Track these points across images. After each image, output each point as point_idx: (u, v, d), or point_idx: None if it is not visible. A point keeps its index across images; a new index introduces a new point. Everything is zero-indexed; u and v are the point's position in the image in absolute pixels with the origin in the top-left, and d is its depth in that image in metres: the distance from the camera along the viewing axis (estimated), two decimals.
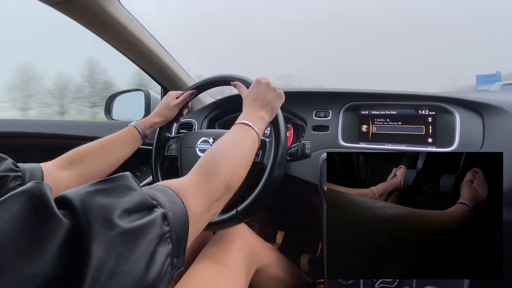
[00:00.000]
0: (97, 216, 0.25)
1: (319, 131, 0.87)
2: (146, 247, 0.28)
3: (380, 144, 0.82)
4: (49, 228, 0.23)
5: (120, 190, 0.30)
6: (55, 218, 0.24)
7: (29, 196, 0.24)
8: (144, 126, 0.75)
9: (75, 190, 0.28)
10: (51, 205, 0.24)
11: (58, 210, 0.25)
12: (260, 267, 0.80)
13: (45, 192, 0.25)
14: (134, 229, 0.27)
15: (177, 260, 0.33)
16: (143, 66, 1.09)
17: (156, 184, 0.39)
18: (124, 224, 0.27)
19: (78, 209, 0.25)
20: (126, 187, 0.30)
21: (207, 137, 0.78)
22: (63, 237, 0.24)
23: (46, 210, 0.24)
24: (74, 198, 0.26)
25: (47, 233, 0.23)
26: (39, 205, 0.24)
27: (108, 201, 0.27)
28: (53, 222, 0.24)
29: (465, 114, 0.73)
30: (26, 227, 0.23)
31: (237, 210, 0.66)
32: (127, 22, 0.89)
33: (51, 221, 0.24)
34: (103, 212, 0.26)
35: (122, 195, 0.29)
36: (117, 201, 0.28)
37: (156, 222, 0.30)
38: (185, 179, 0.43)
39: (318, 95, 0.92)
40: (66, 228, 0.24)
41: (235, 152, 0.51)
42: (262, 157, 0.69)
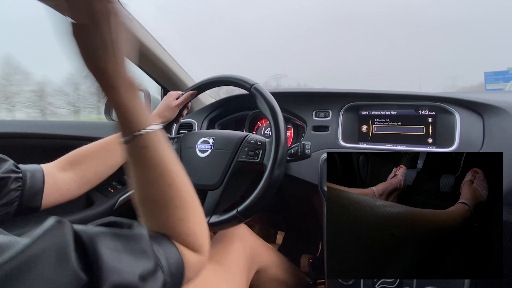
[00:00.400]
0: (109, 279, 0.25)
1: (319, 131, 0.87)
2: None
3: (380, 144, 0.82)
4: (66, 281, 0.23)
5: (136, 254, 0.29)
6: (74, 271, 0.24)
7: (54, 242, 0.24)
8: None
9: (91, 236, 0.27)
10: (71, 256, 0.24)
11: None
12: (261, 267, 0.80)
13: (67, 239, 0.25)
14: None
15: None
16: (143, 66, 1.09)
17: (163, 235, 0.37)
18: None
19: (93, 264, 0.25)
20: (142, 252, 0.30)
21: (207, 137, 0.78)
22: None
23: (66, 261, 0.24)
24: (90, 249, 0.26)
25: (64, 284, 0.23)
26: (61, 254, 0.24)
27: (123, 267, 0.27)
28: (71, 275, 0.24)
29: (465, 114, 0.73)
30: (48, 274, 0.23)
31: (237, 210, 0.66)
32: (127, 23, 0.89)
33: (69, 273, 0.24)
34: (116, 276, 0.26)
35: (136, 260, 0.29)
36: (130, 267, 0.28)
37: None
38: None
39: (318, 95, 0.92)
40: (81, 283, 0.24)
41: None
42: (262, 158, 0.69)
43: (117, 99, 0.35)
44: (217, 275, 0.66)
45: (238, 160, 0.71)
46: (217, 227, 0.69)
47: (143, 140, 0.36)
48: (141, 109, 0.36)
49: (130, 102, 0.35)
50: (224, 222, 0.67)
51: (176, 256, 0.35)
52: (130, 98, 0.35)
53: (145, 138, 0.36)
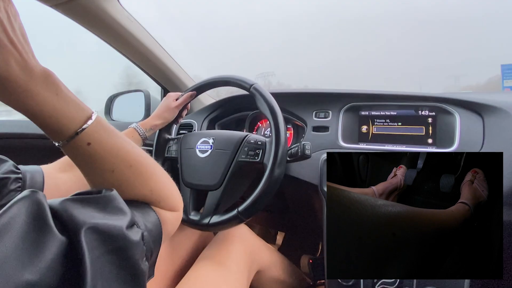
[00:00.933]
0: (87, 237, 0.26)
1: (319, 131, 0.87)
2: (133, 266, 0.29)
3: (380, 145, 0.82)
4: (46, 240, 0.24)
5: (110, 212, 0.30)
6: (52, 232, 0.25)
7: (29, 205, 0.25)
8: (144, 128, 0.76)
9: (62, 204, 0.28)
10: (48, 218, 0.25)
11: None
12: (261, 268, 0.80)
13: (43, 203, 0.26)
14: (123, 249, 0.29)
15: (149, 271, 0.34)
16: (143, 66, 1.09)
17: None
18: (114, 244, 0.28)
19: (69, 226, 0.26)
20: (115, 209, 0.31)
21: (207, 137, 0.79)
22: (58, 250, 0.25)
23: (44, 222, 0.25)
24: (63, 214, 0.27)
25: (44, 245, 0.24)
26: (38, 216, 0.25)
27: (99, 221, 0.28)
28: (50, 236, 0.25)
29: (465, 114, 0.73)
30: (27, 237, 0.23)
31: (238, 210, 0.66)
32: (127, 23, 0.90)
33: (48, 234, 0.25)
34: (93, 233, 0.27)
35: (112, 217, 0.30)
36: (107, 222, 0.29)
37: (140, 244, 0.31)
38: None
39: (318, 96, 0.92)
40: (61, 242, 0.25)
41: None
42: (262, 157, 0.69)
43: (33, 104, 0.28)
44: (217, 275, 0.66)
45: (238, 160, 0.71)
46: (218, 227, 0.69)
47: (84, 137, 0.32)
48: (69, 103, 0.31)
49: (53, 100, 0.29)
50: (225, 222, 0.67)
51: (151, 214, 0.37)
52: (51, 94, 0.29)
53: (85, 134, 0.32)
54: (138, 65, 1.07)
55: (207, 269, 0.67)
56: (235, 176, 0.72)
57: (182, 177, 0.79)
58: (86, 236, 0.26)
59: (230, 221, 0.67)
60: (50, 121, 0.30)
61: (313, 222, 1.02)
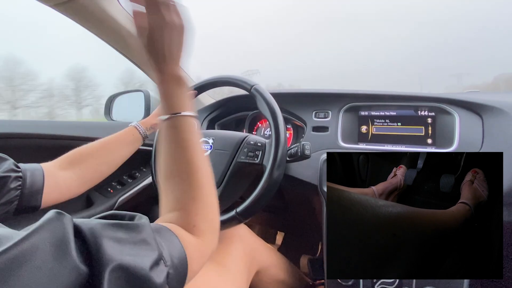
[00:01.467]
0: (112, 271, 0.25)
1: (319, 132, 0.87)
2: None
3: (379, 145, 0.82)
4: (64, 272, 0.23)
5: (138, 245, 0.29)
6: (72, 263, 0.24)
7: (53, 231, 0.24)
8: (145, 127, 0.75)
9: (91, 228, 0.26)
10: (70, 245, 0.24)
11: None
12: (261, 268, 0.80)
13: (67, 229, 0.25)
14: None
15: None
16: (143, 67, 1.09)
17: (165, 225, 0.36)
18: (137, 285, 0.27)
19: (93, 256, 0.25)
20: (144, 242, 0.29)
21: (207, 137, 0.78)
22: (76, 282, 0.23)
23: (65, 251, 0.24)
24: (90, 240, 0.25)
25: (61, 276, 0.23)
26: (60, 243, 0.24)
27: (125, 258, 0.26)
28: (70, 266, 0.23)
29: (464, 115, 0.73)
30: (44, 267, 0.22)
31: (236, 211, 0.66)
32: (127, 23, 0.89)
33: (67, 264, 0.23)
34: (118, 268, 0.25)
35: (138, 252, 0.28)
36: (133, 259, 0.27)
37: (163, 286, 0.29)
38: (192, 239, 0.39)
39: (317, 96, 0.92)
40: (81, 274, 0.24)
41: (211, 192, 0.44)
42: (261, 159, 0.69)
43: (165, 89, 0.44)
44: (217, 275, 0.66)
45: (238, 161, 0.71)
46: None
47: (175, 121, 0.43)
48: (183, 100, 0.44)
49: (175, 92, 0.44)
50: (223, 222, 0.67)
51: (178, 248, 0.35)
52: (176, 90, 0.44)
53: (177, 119, 0.43)
54: (138, 65, 1.07)
55: (206, 269, 0.66)
56: (234, 177, 0.72)
57: None
58: (111, 273, 0.25)
59: (229, 221, 0.67)
60: (169, 101, 0.44)
61: (312, 222, 1.02)
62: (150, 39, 0.43)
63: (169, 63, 0.44)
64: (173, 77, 0.44)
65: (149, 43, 0.43)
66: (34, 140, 0.85)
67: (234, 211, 0.66)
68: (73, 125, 0.97)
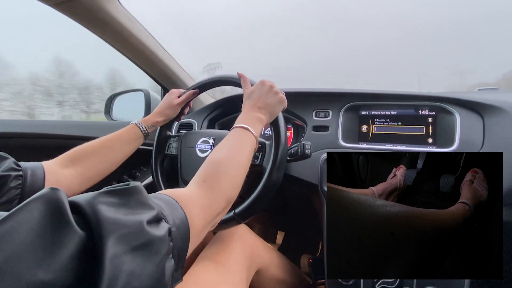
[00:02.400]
0: (110, 231, 0.25)
1: (319, 131, 0.87)
2: (158, 264, 0.28)
3: (380, 144, 0.82)
4: (64, 237, 0.23)
5: (133, 206, 0.29)
6: (71, 228, 0.24)
7: (47, 202, 0.24)
8: (146, 125, 0.75)
9: (87, 198, 0.27)
10: (67, 213, 0.25)
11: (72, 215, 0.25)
12: (261, 267, 0.80)
13: (62, 200, 0.25)
14: (145, 246, 0.28)
15: (176, 274, 0.34)
16: (142, 66, 1.09)
17: (161, 193, 0.39)
18: (136, 241, 0.27)
19: (91, 220, 0.25)
20: (139, 203, 0.30)
21: (208, 137, 0.78)
22: (77, 247, 0.24)
23: (62, 218, 0.24)
24: (87, 208, 0.26)
25: (62, 242, 0.23)
26: (56, 213, 0.24)
27: (121, 217, 0.27)
28: (69, 232, 0.24)
29: (465, 114, 0.73)
30: (43, 234, 0.23)
31: (234, 212, 0.65)
32: (127, 22, 0.89)
33: (67, 230, 0.24)
34: (116, 228, 0.26)
35: (134, 211, 0.29)
36: (129, 218, 0.28)
37: (165, 240, 0.30)
38: (190, 191, 0.43)
39: (318, 96, 0.92)
40: (80, 238, 0.24)
41: (236, 162, 0.52)
42: (261, 160, 0.69)
43: (251, 117, 0.62)
44: (217, 274, 0.66)
45: None
46: (215, 228, 0.69)
47: (241, 132, 0.58)
48: (253, 125, 0.59)
49: (252, 121, 0.61)
50: (221, 223, 0.67)
51: (178, 210, 0.37)
52: (255, 120, 0.61)
53: (239, 130, 0.58)
54: (138, 64, 1.07)
55: (206, 268, 0.66)
56: None
57: (181, 175, 0.79)
58: (109, 231, 0.25)
59: (227, 222, 0.66)
60: (243, 121, 0.60)
61: (313, 222, 1.02)
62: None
63: (261, 111, 0.63)
64: (258, 116, 0.62)
65: (257, 97, 0.65)
66: (34, 139, 0.86)
67: (232, 212, 0.66)
68: (74, 124, 0.97)
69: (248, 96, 0.66)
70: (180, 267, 0.35)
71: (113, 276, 0.24)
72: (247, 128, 0.58)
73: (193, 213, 0.38)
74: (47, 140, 0.87)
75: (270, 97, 0.65)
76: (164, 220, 0.32)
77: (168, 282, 0.30)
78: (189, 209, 0.38)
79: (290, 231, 1.37)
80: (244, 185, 0.76)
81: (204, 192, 0.44)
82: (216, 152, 0.53)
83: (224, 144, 0.55)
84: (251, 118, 0.61)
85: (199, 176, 0.47)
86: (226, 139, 0.57)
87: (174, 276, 0.33)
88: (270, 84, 0.66)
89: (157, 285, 0.28)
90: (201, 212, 0.41)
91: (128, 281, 0.25)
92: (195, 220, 0.38)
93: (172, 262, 0.32)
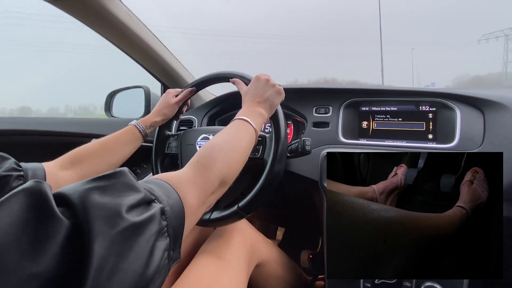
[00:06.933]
0: (96, 215, 0.25)
1: (320, 127, 0.87)
2: (146, 244, 0.29)
3: (380, 141, 0.82)
4: (50, 228, 0.23)
5: (119, 188, 0.30)
6: (56, 218, 0.24)
7: (30, 195, 0.24)
8: (145, 125, 0.75)
9: (73, 187, 0.28)
10: (51, 204, 0.25)
11: (57, 207, 0.25)
12: (260, 262, 0.81)
13: (45, 191, 0.25)
14: (134, 227, 0.28)
15: (173, 253, 0.34)
16: (142, 63, 1.08)
17: (152, 177, 0.39)
18: (124, 223, 0.27)
19: (77, 207, 0.26)
20: (125, 185, 0.31)
21: (207, 134, 0.78)
22: (63, 236, 0.24)
23: (47, 209, 0.24)
24: (72, 196, 0.26)
25: (48, 233, 0.23)
26: (39, 204, 0.24)
27: (107, 200, 0.27)
28: (54, 222, 0.24)
29: (466, 110, 0.73)
30: (28, 227, 0.23)
31: (238, 206, 0.66)
32: (127, 19, 0.89)
33: (52, 220, 0.24)
34: (102, 211, 0.26)
35: (121, 193, 0.29)
36: (115, 200, 0.28)
37: (155, 218, 0.31)
38: (181, 172, 0.43)
39: (318, 92, 0.91)
40: (66, 228, 0.24)
41: (232, 147, 0.53)
42: (262, 153, 0.69)
43: (250, 111, 0.63)
44: (217, 269, 0.66)
45: None
46: (219, 223, 0.69)
47: (239, 122, 0.59)
48: (253, 118, 0.60)
49: (253, 115, 0.61)
50: (225, 217, 0.67)
51: (172, 192, 0.37)
52: (255, 114, 0.62)
53: (238, 121, 0.59)
54: (138, 61, 1.07)
55: (207, 262, 0.67)
56: None
57: None
58: (95, 215, 0.25)
59: (231, 217, 0.67)
60: (244, 114, 0.60)
61: (313, 218, 1.02)
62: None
63: (261, 105, 0.64)
64: (257, 110, 0.63)
65: (255, 93, 0.66)
66: (35, 137, 0.86)
67: (236, 206, 0.66)
68: (74, 121, 0.97)
69: (246, 94, 0.67)
70: (177, 246, 0.36)
71: (102, 259, 0.24)
72: (247, 120, 0.59)
73: (185, 192, 0.39)
74: (47, 137, 0.87)
75: (267, 90, 0.66)
76: (157, 200, 0.33)
77: (159, 261, 0.30)
78: (181, 189, 0.39)
79: (290, 227, 1.38)
80: (246, 180, 0.77)
81: (197, 171, 0.45)
82: (213, 138, 0.54)
83: (221, 132, 0.56)
84: (251, 112, 0.62)
85: (193, 158, 0.48)
86: (225, 129, 0.57)
87: (171, 255, 0.33)
88: (265, 78, 0.67)
89: (147, 264, 0.28)
90: (194, 191, 0.41)
91: (116, 262, 0.25)
92: (189, 199, 0.39)
93: (167, 240, 0.32)
